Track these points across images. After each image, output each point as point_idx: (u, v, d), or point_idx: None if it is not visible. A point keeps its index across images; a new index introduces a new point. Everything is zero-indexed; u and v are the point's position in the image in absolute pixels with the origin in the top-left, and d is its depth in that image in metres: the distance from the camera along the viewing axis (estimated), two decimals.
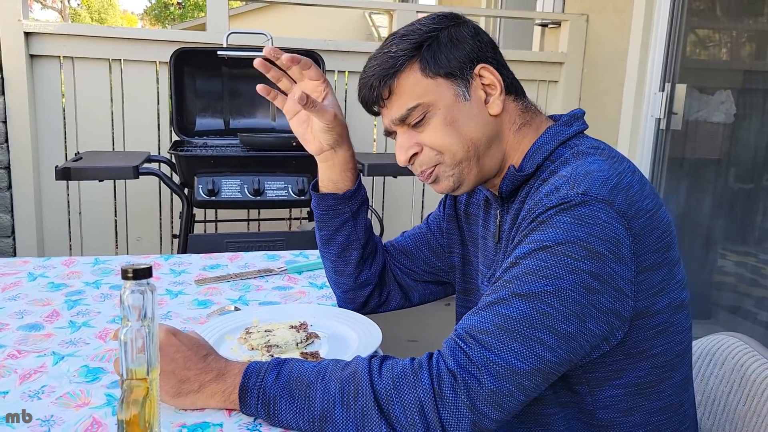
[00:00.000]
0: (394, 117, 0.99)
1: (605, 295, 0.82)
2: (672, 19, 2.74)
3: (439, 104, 0.97)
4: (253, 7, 12.96)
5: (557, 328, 0.81)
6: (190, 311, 1.22)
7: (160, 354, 0.85)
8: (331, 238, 1.18)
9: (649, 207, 0.88)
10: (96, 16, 20.89)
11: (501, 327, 0.81)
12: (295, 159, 2.49)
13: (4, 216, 2.88)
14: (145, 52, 2.94)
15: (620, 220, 0.83)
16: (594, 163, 0.89)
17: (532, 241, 0.84)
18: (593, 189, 0.84)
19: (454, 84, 0.97)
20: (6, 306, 1.21)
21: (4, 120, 2.82)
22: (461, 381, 0.80)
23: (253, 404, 0.84)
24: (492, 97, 0.98)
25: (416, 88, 0.96)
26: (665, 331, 0.91)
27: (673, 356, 0.93)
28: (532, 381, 0.81)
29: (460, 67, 0.97)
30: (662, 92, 2.77)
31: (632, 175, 0.90)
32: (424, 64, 0.96)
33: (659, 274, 0.88)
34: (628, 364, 0.90)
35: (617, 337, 0.86)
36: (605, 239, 0.82)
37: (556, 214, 0.83)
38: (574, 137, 0.99)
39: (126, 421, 0.64)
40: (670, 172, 2.84)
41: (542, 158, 0.97)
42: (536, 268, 0.82)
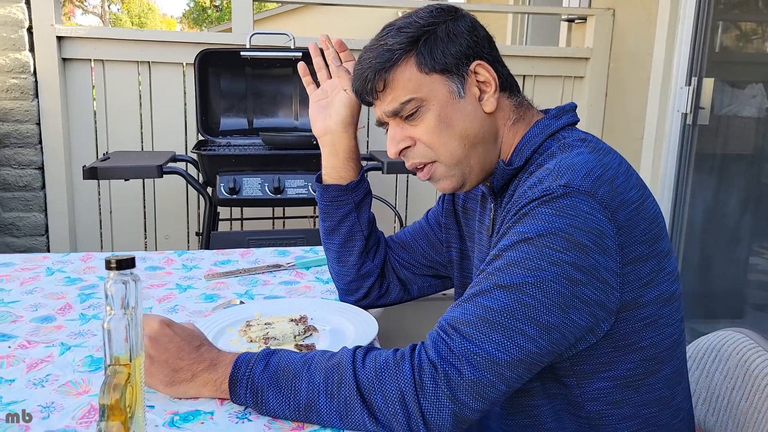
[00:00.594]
0: (386, 110, 0.99)
1: (589, 286, 0.82)
2: (699, 11, 2.69)
3: (433, 100, 0.97)
4: (287, 8, 13.09)
5: (539, 319, 0.81)
6: (197, 305, 1.25)
7: (154, 344, 0.89)
8: (335, 229, 1.20)
9: (634, 198, 0.88)
10: (136, 20, 21.35)
11: (482, 318, 0.82)
12: (316, 157, 2.49)
13: (38, 215, 2.98)
14: (172, 54, 3.00)
15: (603, 212, 0.83)
16: (579, 156, 0.89)
17: (515, 234, 0.85)
18: (575, 181, 0.84)
19: (449, 80, 0.97)
20: (22, 299, 1.26)
21: (38, 122, 2.92)
22: (441, 372, 0.81)
23: (242, 393, 0.86)
24: (486, 94, 0.98)
25: (411, 82, 0.97)
26: (654, 323, 0.90)
27: (662, 349, 0.92)
28: (513, 371, 0.82)
29: (455, 63, 0.97)
30: (689, 86, 2.72)
31: (618, 167, 0.90)
32: (420, 59, 0.96)
33: (647, 266, 0.88)
34: (617, 357, 0.90)
35: (603, 328, 0.86)
36: (588, 230, 0.82)
37: (538, 206, 0.84)
38: (563, 130, 0.99)
39: (107, 405, 0.66)
40: (697, 168, 2.78)
41: (530, 151, 0.98)
42: (518, 260, 0.83)
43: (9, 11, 2.77)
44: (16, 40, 2.80)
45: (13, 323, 1.14)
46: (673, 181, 2.82)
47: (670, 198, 2.83)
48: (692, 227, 2.83)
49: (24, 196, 2.95)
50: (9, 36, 2.79)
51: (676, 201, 2.83)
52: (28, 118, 2.89)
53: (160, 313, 1.21)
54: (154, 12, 22.63)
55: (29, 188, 2.94)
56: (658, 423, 0.94)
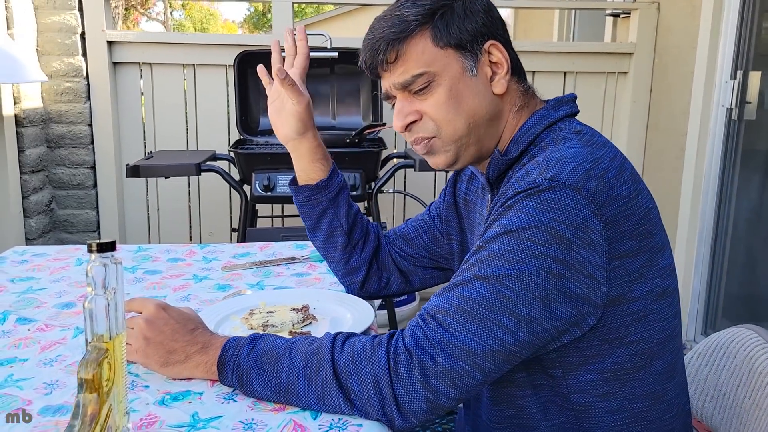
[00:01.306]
0: (396, 81, 0.97)
1: (572, 280, 0.82)
2: (744, 2, 2.60)
3: (445, 75, 0.95)
4: (344, 10, 13.26)
5: (517, 311, 0.81)
6: (209, 294, 1.30)
7: (150, 326, 0.94)
8: (315, 227, 1.23)
9: (625, 193, 0.87)
10: (198, 26, 21.98)
11: (460, 308, 0.83)
12: (348, 155, 2.55)
13: (90, 212, 3.12)
14: (215, 56, 3.10)
15: (589, 206, 0.82)
16: (570, 149, 0.89)
17: (498, 226, 0.85)
18: (562, 174, 0.83)
19: (462, 57, 0.95)
20: (49, 287, 1.33)
21: (90, 123, 3.06)
22: (416, 359, 0.82)
23: (229, 375, 0.89)
24: (498, 75, 0.97)
25: (424, 55, 0.95)
26: (644, 318, 0.89)
27: (653, 344, 0.91)
28: (489, 362, 0.82)
29: (471, 40, 0.95)
30: (734, 80, 2.63)
31: (610, 161, 0.89)
32: (435, 32, 0.95)
33: (637, 261, 0.86)
34: (604, 350, 0.89)
35: (589, 322, 0.86)
36: (572, 225, 0.81)
37: (523, 199, 0.84)
38: (560, 121, 0.98)
39: (85, 379, 0.71)
40: (743, 164, 2.69)
41: (526, 143, 0.97)
42: (499, 252, 0.83)
43: (63, 18, 2.92)
44: (70, 45, 2.95)
45: (37, 308, 1.21)
46: (717, 179, 2.73)
47: (714, 196, 2.74)
48: (737, 226, 2.73)
49: (77, 194, 3.09)
50: (63, 42, 2.94)
51: (720, 199, 2.74)
52: (81, 120, 3.03)
53: (172, 300, 1.26)
54: (215, 18, 23.25)
55: (82, 187, 3.09)
56: (648, 418, 0.93)
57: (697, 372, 1.18)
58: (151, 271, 1.44)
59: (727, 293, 2.79)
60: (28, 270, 1.43)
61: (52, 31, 2.92)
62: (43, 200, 2.99)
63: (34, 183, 2.90)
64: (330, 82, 2.95)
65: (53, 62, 2.94)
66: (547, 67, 3.22)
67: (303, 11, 17.13)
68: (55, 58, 2.94)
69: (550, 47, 3.32)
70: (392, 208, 3.34)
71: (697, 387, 1.17)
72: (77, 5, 2.93)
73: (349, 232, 1.22)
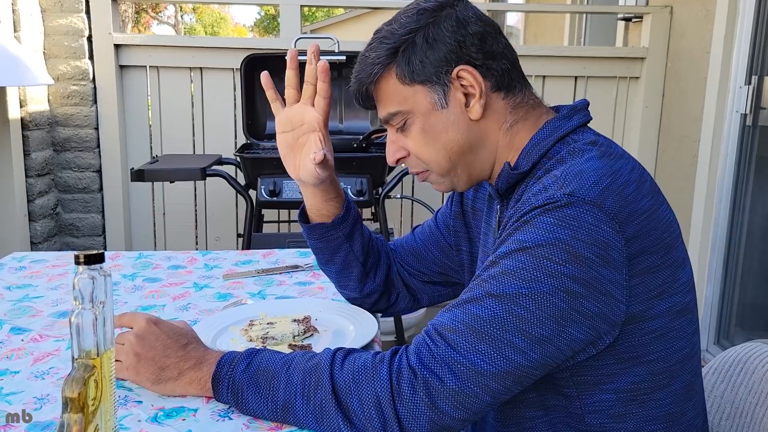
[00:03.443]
0: (381, 117, 0.98)
1: (590, 299, 0.78)
2: (759, 6, 2.54)
3: (416, 112, 0.94)
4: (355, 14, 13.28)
5: (530, 331, 0.77)
6: (209, 303, 1.27)
7: (140, 342, 0.90)
8: (329, 261, 1.15)
9: (645, 207, 0.83)
10: (209, 29, 22.06)
11: (470, 327, 0.79)
12: (355, 160, 2.52)
13: (96, 216, 3.10)
14: (222, 59, 3.07)
15: (610, 223, 0.78)
16: (588, 162, 0.85)
17: (513, 242, 0.81)
18: (582, 190, 0.80)
19: (431, 91, 0.92)
20: (46, 294, 1.30)
21: (96, 127, 3.04)
22: (421, 378, 0.78)
23: (224, 393, 0.86)
24: (472, 100, 0.92)
25: (395, 94, 0.94)
26: (663, 336, 0.85)
27: (672, 363, 0.87)
28: (499, 383, 0.78)
29: (435, 72, 0.91)
30: (748, 85, 2.58)
31: (629, 173, 0.85)
32: (399, 71, 0.93)
33: (659, 277, 0.82)
34: (621, 369, 0.85)
35: (605, 341, 0.82)
36: (591, 243, 0.77)
37: (540, 215, 0.80)
38: (574, 132, 0.93)
39: (70, 398, 0.67)
40: (758, 171, 2.63)
41: (538, 156, 0.92)
42: (513, 269, 0.79)
43: (70, 21, 2.91)
44: (77, 48, 2.94)
45: (32, 317, 1.19)
46: (731, 186, 2.67)
47: (728, 203, 2.69)
48: (751, 234, 2.67)
49: (83, 197, 3.08)
50: (70, 45, 2.93)
51: (734, 206, 2.69)
52: (87, 123, 3.02)
53: (171, 310, 1.23)
54: (226, 21, 23.33)
55: (88, 190, 3.07)
56: None
57: (713, 388, 1.14)
58: (150, 278, 1.41)
59: (741, 302, 2.74)
60: (25, 277, 1.40)
61: (59, 34, 2.91)
62: (48, 204, 2.97)
63: (39, 186, 2.88)
64: (338, 86, 2.92)
65: (60, 65, 2.93)
66: (557, 72, 3.18)
67: (313, 15, 17.16)
68: (61, 61, 2.93)
69: (560, 51, 3.28)
70: (400, 213, 3.31)
71: (713, 404, 1.13)
72: (84, 8, 2.92)
73: (364, 262, 1.15)
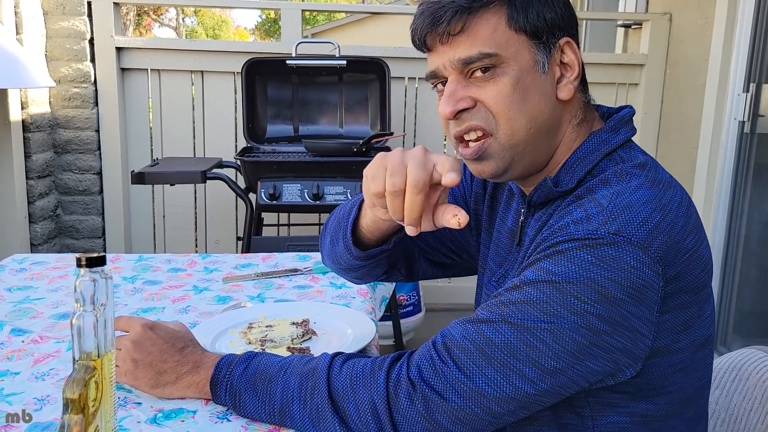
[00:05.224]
0: (458, 57, 0.82)
1: (614, 335, 0.74)
2: (758, 14, 2.56)
3: (514, 63, 0.82)
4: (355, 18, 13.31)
5: (543, 362, 0.74)
6: (209, 306, 1.28)
7: (137, 347, 0.91)
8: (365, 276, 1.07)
9: (690, 245, 0.78)
10: (210, 32, 22.09)
11: (480, 349, 0.76)
12: (356, 164, 2.53)
13: (95, 218, 3.11)
14: (223, 63, 3.09)
15: (653, 267, 0.74)
16: (637, 192, 0.78)
17: (542, 270, 0.76)
18: (628, 228, 0.74)
19: (535, 48, 0.83)
20: (47, 296, 1.31)
21: (97, 129, 3.05)
22: (419, 392, 0.77)
23: (222, 395, 0.87)
24: (566, 79, 0.85)
25: (495, 34, 0.82)
26: (685, 368, 0.82)
27: (690, 392, 0.85)
28: (502, 407, 0.76)
29: (547, 31, 0.83)
30: (746, 93, 2.59)
31: (678, 207, 0.80)
32: (512, 12, 0.82)
33: (687, 313, 0.79)
34: (639, 396, 0.82)
35: (627, 374, 0.78)
36: (627, 285, 0.73)
37: (578, 249, 0.74)
38: (621, 148, 0.86)
39: (70, 399, 0.68)
40: (755, 178, 2.64)
41: (584, 173, 0.85)
42: (536, 301, 0.75)
43: (72, 24, 2.92)
44: (78, 51, 2.95)
45: (33, 319, 1.19)
46: (729, 193, 2.69)
47: (725, 210, 2.70)
48: (749, 240, 2.68)
49: (83, 200, 3.09)
50: (72, 47, 2.94)
51: (732, 213, 2.70)
52: (88, 126, 3.03)
53: (170, 312, 1.24)
54: (227, 24, 23.37)
55: (88, 192, 3.08)
56: None
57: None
58: (150, 281, 1.42)
59: (739, 309, 2.74)
60: (26, 279, 1.41)
61: (60, 36, 2.92)
62: (48, 206, 2.98)
63: (40, 188, 2.89)
64: (338, 91, 2.93)
65: (61, 68, 2.94)
66: None
67: (315, 19, 17.19)
68: (63, 64, 2.94)
69: None
70: None
71: (708, 410, 1.14)
72: (86, 11, 2.93)
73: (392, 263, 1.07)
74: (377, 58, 2.78)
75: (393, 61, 2.89)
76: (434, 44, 0.84)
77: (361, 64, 2.82)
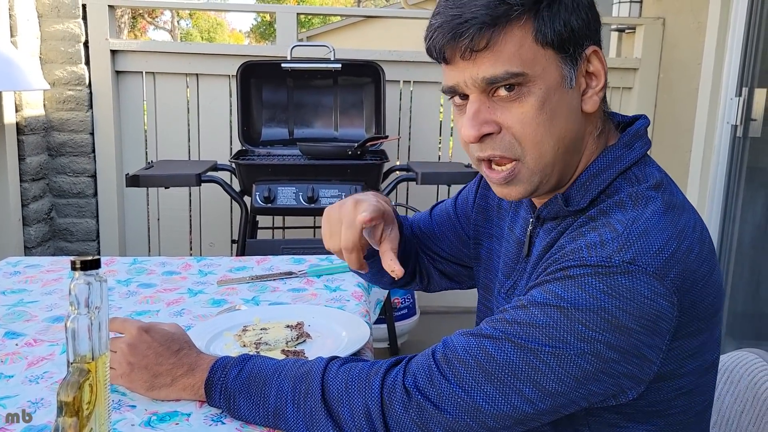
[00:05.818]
0: (482, 76, 0.77)
1: (622, 363, 0.73)
2: (750, 19, 2.58)
3: (540, 82, 0.77)
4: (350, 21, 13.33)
5: (544, 384, 0.73)
6: (203, 309, 1.28)
7: (133, 350, 0.91)
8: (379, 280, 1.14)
9: (704, 272, 0.76)
10: (205, 35, 22.08)
11: (480, 365, 0.75)
12: (350, 167, 2.53)
13: (90, 221, 3.11)
14: (218, 66, 3.09)
15: (668, 297, 0.72)
16: (653, 218, 0.75)
17: (551, 293, 0.74)
18: (644, 257, 0.71)
19: (562, 63, 0.78)
20: (41, 299, 1.31)
21: (92, 132, 3.05)
22: (415, 401, 0.77)
23: (217, 398, 0.87)
24: (591, 90, 0.81)
25: (521, 50, 0.76)
26: (689, 393, 0.81)
27: (692, 415, 0.83)
28: (498, 423, 0.76)
29: (574, 42, 0.78)
30: (739, 97, 2.61)
31: (693, 232, 0.77)
32: (539, 25, 0.77)
33: (698, 340, 0.77)
34: (640, 418, 0.81)
35: (629, 396, 0.77)
36: (639, 315, 0.71)
37: (590, 276, 0.72)
38: (636, 165, 0.83)
39: (65, 401, 0.68)
40: (748, 182, 2.66)
41: (597, 192, 0.82)
42: (543, 324, 0.73)
43: (67, 26, 2.92)
44: (73, 54, 2.95)
45: (26, 322, 1.19)
46: (722, 196, 2.70)
47: (718, 213, 2.72)
48: (742, 244, 2.70)
49: (78, 202, 3.08)
50: (66, 50, 2.94)
51: (725, 216, 2.71)
52: (82, 128, 3.03)
53: (165, 315, 1.24)
54: (222, 27, 23.35)
55: (82, 195, 3.08)
56: None
57: None
58: (145, 284, 1.42)
59: (731, 311, 2.76)
60: (20, 282, 1.41)
61: (55, 39, 2.92)
62: (42, 209, 2.98)
63: (34, 191, 2.89)
64: (333, 94, 2.94)
65: (56, 70, 2.94)
66: None
67: (310, 21, 17.20)
68: (57, 66, 2.94)
69: None
70: None
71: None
72: (81, 14, 2.93)
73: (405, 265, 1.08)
74: (372, 62, 2.79)
75: (388, 64, 2.90)
76: (454, 58, 0.79)
77: (356, 68, 2.83)
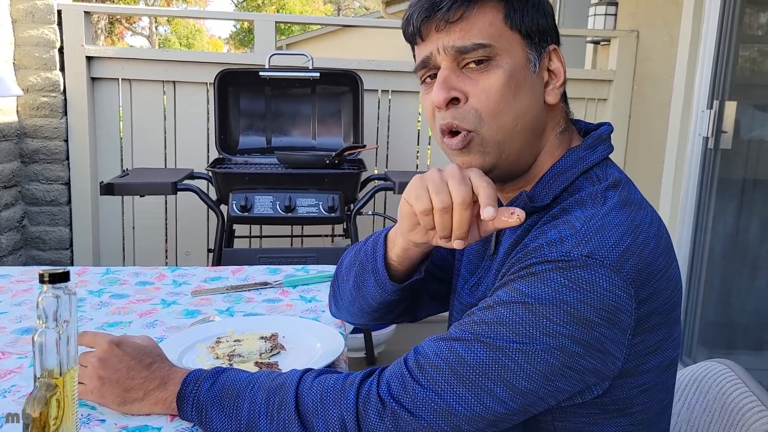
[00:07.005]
0: (452, 44, 0.83)
1: (586, 357, 0.75)
2: (721, 33, 2.63)
3: (507, 57, 0.84)
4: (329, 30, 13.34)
5: (514, 382, 0.75)
6: (177, 320, 1.27)
7: (103, 365, 0.90)
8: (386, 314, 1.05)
9: (660, 266, 0.79)
10: (184, 41, 21.96)
11: (452, 368, 0.77)
12: (328, 177, 2.53)
13: (63, 229, 3.07)
14: (196, 73, 3.08)
15: (626, 288, 0.75)
16: (610, 214, 0.79)
17: (515, 291, 0.77)
18: (601, 251, 0.75)
19: (527, 48, 0.86)
20: (10, 311, 1.29)
21: (66, 139, 3.02)
22: (389, 409, 0.77)
23: (189, 411, 0.86)
24: (552, 84, 0.88)
25: (491, 27, 0.84)
26: (650, 390, 0.83)
27: (652, 414, 0.86)
28: (471, 425, 0.77)
29: (539, 35, 0.86)
30: (710, 110, 2.66)
31: (649, 227, 0.81)
32: (509, 11, 0.85)
33: (658, 335, 0.81)
34: (603, 419, 0.83)
35: (594, 393, 0.79)
36: (600, 308, 0.74)
37: (551, 271, 0.75)
38: (598, 165, 0.88)
39: (32, 417, 0.68)
40: (719, 193, 2.71)
41: (559, 189, 0.86)
42: (509, 322, 0.75)
43: (41, 32, 2.89)
44: (48, 60, 2.92)
45: None
46: (693, 207, 2.75)
47: (690, 224, 2.76)
48: (713, 254, 2.74)
49: (51, 210, 3.04)
50: (41, 56, 2.91)
51: (696, 227, 2.76)
52: (56, 135, 2.99)
53: (137, 326, 1.23)
54: (201, 33, 23.24)
55: (56, 203, 3.04)
56: None
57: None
58: (117, 295, 1.40)
59: (703, 321, 2.80)
60: None
61: (29, 44, 2.89)
62: (14, 216, 2.93)
63: (5, 199, 2.84)
64: (311, 103, 2.94)
65: (30, 76, 2.91)
66: None
67: (289, 29, 17.20)
68: (32, 72, 2.91)
69: None
70: (371, 230, 3.32)
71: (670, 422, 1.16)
72: (56, 19, 2.90)
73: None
74: (350, 71, 2.79)
75: (366, 73, 2.91)
76: (429, 32, 0.86)
77: (335, 77, 2.84)
